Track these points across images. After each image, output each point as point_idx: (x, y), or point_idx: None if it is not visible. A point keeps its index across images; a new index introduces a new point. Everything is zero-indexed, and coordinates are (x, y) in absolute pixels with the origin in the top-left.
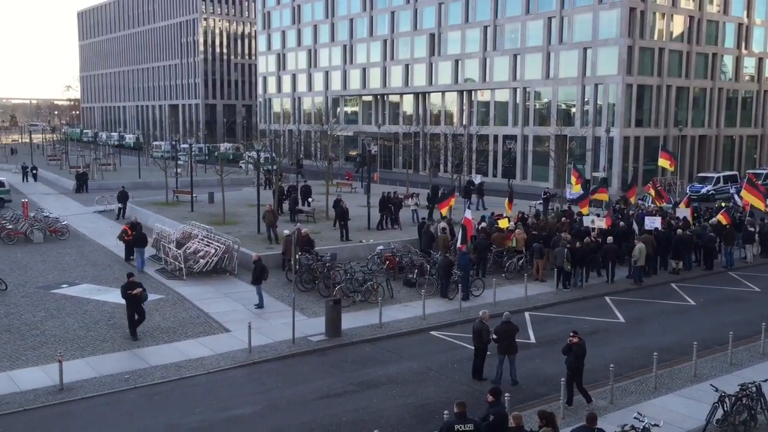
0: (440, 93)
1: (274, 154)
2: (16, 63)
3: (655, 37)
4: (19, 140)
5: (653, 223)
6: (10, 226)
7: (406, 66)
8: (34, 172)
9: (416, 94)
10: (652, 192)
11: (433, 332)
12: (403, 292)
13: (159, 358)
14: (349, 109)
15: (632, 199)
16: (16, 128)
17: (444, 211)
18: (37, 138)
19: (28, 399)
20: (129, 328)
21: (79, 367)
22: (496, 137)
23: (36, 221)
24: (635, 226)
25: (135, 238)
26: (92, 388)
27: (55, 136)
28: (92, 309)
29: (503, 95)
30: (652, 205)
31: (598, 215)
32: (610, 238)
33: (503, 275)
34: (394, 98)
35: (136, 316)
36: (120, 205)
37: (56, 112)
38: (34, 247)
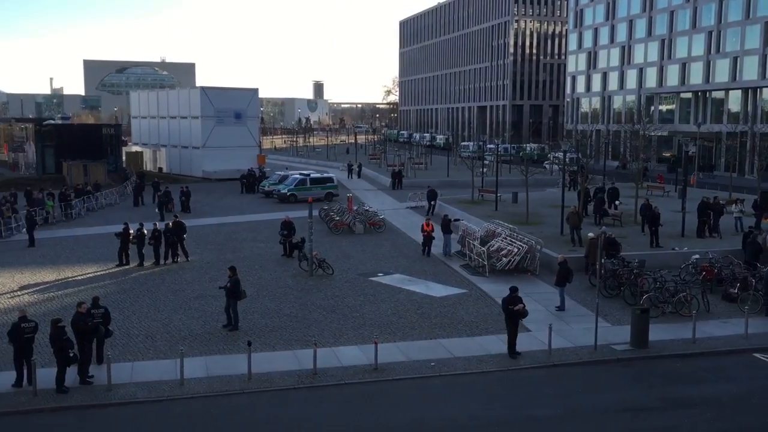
0: None
1: (580, 155)
2: (347, 72)
3: None
4: (346, 140)
5: None
6: (337, 218)
7: (734, 59)
8: (359, 169)
9: (745, 90)
10: None
11: (757, 354)
12: (721, 306)
13: (462, 349)
14: (664, 107)
15: None
16: (344, 130)
17: None
18: (361, 138)
19: (347, 374)
20: (508, 347)
21: (390, 350)
22: None
23: (358, 214)
24: None
25: (442, 226)
26: (402, 370)
27: (375, 136)
28: (403, 298)
29: None
30: None
31: None
32: None
33: None
34: (718, 94)
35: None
36: (429, 202)
37: (377, 115)
38: (356, 237)
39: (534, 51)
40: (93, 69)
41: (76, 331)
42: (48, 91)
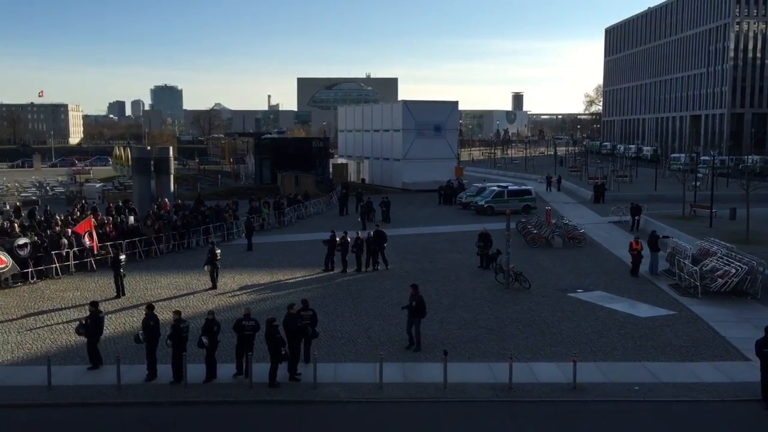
0: None
1: None
2: (547, 83)
3: None
4: (545, 152)
5: None
6: (535, 231)
7: None
8: (558, 182)
9: None
10: None
11: None
12: None
13: (670, 375)
14: None
15: None
16: (543, 141)
17: None
18: (561, 150)
19: (544, 391)
20: (762, 391)
21: (590, 370)
22: None
23: (557, 228)
24: None
25: (650, 242)
26: (602, 392)
27: (576, 148)
28: (604, 316)
29: None
30: None
31: None
32: None
33: None
34: None
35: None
36: (633, 217)
37: (578, 126)
38: (554, 251)
39: (758, 54)
40: (305, 86)
41: (287, 331)
42: (266, 108)
